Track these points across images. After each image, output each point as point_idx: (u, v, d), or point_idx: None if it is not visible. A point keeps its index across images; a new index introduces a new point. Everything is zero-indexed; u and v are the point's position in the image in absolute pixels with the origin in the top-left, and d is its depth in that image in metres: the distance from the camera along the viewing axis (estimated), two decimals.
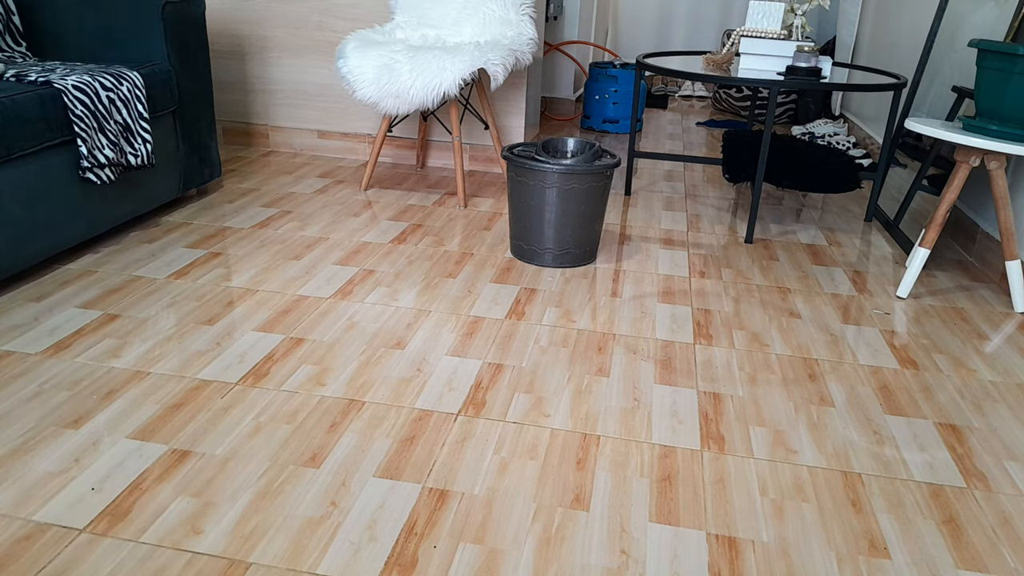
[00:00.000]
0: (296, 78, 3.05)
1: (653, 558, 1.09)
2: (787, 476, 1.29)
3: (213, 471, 1.23)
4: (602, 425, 1.40)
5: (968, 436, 1.43)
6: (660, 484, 1.25)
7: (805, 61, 2.33)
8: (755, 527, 1.17)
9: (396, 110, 2.38)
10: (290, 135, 3.14)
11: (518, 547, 1.10)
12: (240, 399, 1.42)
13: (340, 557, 1.07)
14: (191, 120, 2.39)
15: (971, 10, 2.56)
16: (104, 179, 1.99)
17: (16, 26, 2.22)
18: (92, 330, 1.64)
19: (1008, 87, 1.81)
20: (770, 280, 2.09)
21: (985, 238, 2.26)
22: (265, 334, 1.66)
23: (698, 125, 4.12)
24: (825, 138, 3.60)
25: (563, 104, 4.06)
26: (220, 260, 2.04)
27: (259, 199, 2.54)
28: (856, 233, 2.51)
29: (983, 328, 1.87)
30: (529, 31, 2.63)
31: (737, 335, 1.77)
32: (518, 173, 2.06)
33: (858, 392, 1.56)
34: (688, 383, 1.56)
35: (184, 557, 1.05)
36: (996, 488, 1.28)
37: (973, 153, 1.92)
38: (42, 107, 1.81)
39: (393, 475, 1.24)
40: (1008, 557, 1.13)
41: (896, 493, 1.26)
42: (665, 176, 3.07)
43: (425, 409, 1.42)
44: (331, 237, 2.23)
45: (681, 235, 2.40)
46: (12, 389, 1.42)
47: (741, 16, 4.90)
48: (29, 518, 1.11)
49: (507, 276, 2.03)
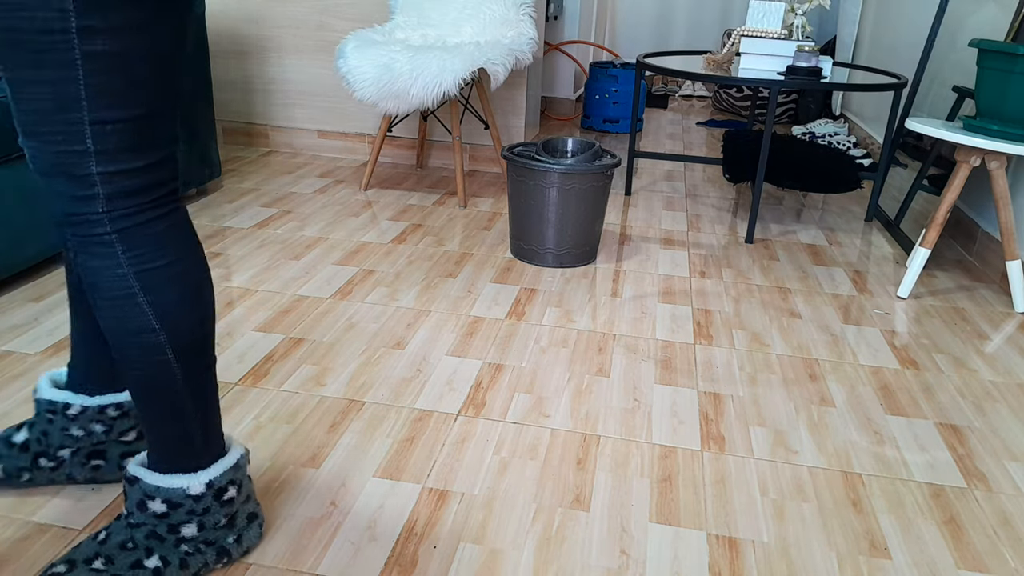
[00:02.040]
0: (296, 78, 3.05)
1: (653, 558, 1.09)
2: (787, 476, 1.28)
3: None
4: (602, 425, 1.40)
5: (969, 436, 1.43)
6: (660, 484, 1.25)
7: (805, 61, 2.33)
8: (755, 527, 1.16)
9: (396, 110, 2.38)
10: (290, 135, 3.14)
11: (518, 547, 1.10)
12: (240, 399, 1.42)
13: (340, 557, 1.07)
14: (191, 120, 2.39)
15: (971, 10, 2.56)
16: None
17: None
18: None
19: (1008, 87, 1.81)
20: (770, 280, 2.09)
21: (985, 238, 2.26)
22: (265, 334, 1.66)
23: (698, 125, 4.12)
24: (826, 138, 3.59)
25: (563, 104, 4.06)
26: (220, 260, 2.04)
27: (259, 199, 2.54)
28: (857, 233, 2.51)
29: (984, 328, 1.87)
30: (529, 31, 2.63)
31: (737, 335, 1.77)
32: (518, 173, 2.05)
33: (859, 392, 1.55)
34: (688, 383, 1.55)
35: None
36: (997, 488, 1.28)
37: (974, 153, 1.92)
38: None
39: (393, 475, 1.24)
40: (1009, 557, 1.13)
41: (897, 493, 1.26)
42: (665, 176, 3.07)
43: (425, 409, 1.42)
44: (331, 237, 2.23)
45: (681, 235, 2.40)
46: (12, 389, 1.42)
47: (741, 16, 4.90)
48: (29, 518, 1.11)
49: (507, 276, 2.03)
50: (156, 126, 0.85)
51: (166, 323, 0.90)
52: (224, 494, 0.99)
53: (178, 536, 0.97)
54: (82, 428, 1.11)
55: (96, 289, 0.88)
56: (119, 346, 0.90)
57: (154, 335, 0.89)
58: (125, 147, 0.83)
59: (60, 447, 1.12)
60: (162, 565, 0.97)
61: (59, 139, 0.80)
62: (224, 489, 0.99)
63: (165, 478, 0.96)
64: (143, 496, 0.96)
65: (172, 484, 0.96)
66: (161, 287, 0.89)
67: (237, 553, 1.04)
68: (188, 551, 0.98)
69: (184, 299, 0.91)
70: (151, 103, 0.83)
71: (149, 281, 0.88)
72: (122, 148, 0.82)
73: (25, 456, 1.13)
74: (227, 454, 1.01)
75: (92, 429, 1.12)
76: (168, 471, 0.97)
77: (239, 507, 1.02)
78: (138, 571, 0.96)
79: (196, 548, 0.99)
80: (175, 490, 0.96)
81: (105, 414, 1.12)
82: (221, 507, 0.99)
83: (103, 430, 1.12)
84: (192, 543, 0.98)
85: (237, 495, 1.01)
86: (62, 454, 1.13)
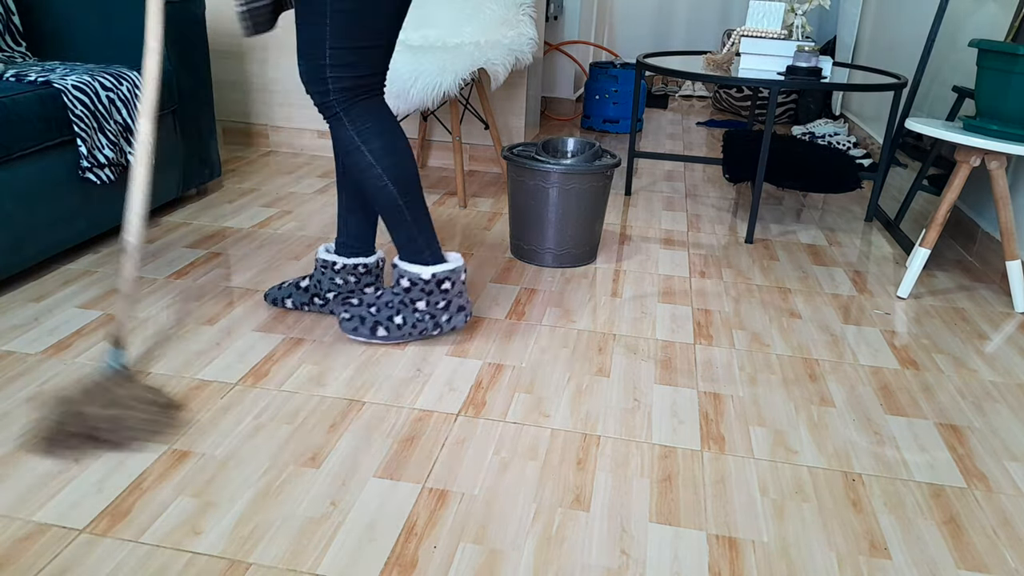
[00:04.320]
0: (296, 78, 3.05)
1: (653, 558, 1.09)
2: (787, 476, 1.29)
3: (213, 471, 1.23)
4: (602, 425, 1.40)
5: (969, 436, 1.43)
6: (660, 484, 1.25)
7: (805, 61, 2.33)
8: (755, 527, 1.16)
9: (396, 110, 2.38)
10: (290, 135, 3.14)
11: (518, 547, 1.10)
12: (240, 399, 1.42)
13: (340, 557, 1.07)
14: (191, 120, 2.39)
15: (971, 10, 2.56)
16: (104, 179, 1.99)
17: (16, 26, 2.22)
18: (92, 330, 1.64)
19: (1009, 87, 1.81)
20: (770, 280, 2.09)
21: (985, 238, 2.26)
22: (265, 334, 1.66)
23: (698, 125, 4.12)
24: (825, 138, 3.59)
25: (563, 104, 4.06)
26: (220, 260, 2.04)
27: (259, 199, 2.54)
28: (856, 233, 2.51)
29: (984, 328, 1.87)
30: (529, 31, 2.63)
31: (737, 335, 1.77)
32: (518, 173, 2.05)
33: (859, 392, 1.55)
34: (688, 383, 1.56)
35: (184, 557, 1.05)
36: (997, 488, 1.28)
37: (974, 153, 1.92)
38: (42, 107, 1.81)
39: (393, 475, 1.24)
40: (1009, 558, 1.13)
41: (897, 493, 1.26)
42: (665, 176, 3.07)
43: (425, 409, 1.42)
44: (331, 237, 2.23)
45: (681, 235, 2.40)
46: (12, 389, 1.42)
47: (741, 16, 4.90)
48: (29, 518, 1.11)
49: (507, 276, 2.03)
50: (368, 54, 1.41)
51: (379, 161, 1.47)
52: (442, 284, 1.58)
53: (414, 307, 1.59)
54: (342, 279, 1.71)
55: (339, 145, 1.48)
56: (360, 181, 1.50)
57: (373, 169, 1.47)
58: (346, 63, 1.40)
59: (328, 291, 1.72)
60: (402, 321, 1.59)
61: (312, 57, 1.39)
62: (442, 281, 1.57)
63: (409, 265, 1.56)
64: (399, 275, 1.57)
65: (411, 269, 1.56)
66: (371, 139, 1.46)
67: (447, 328, 1.63)
68: (418, 318, 1.60)
69: (386, 146, 1.47)
70: (367, 40, 1.39)
71: (363, 136, 1.46)
72: (344, 64, 1.39)
73: (306, 295, 1.74)
74: (447, 261, 1.59)
75: (348, 280, 1.71)
76: (410, 261, 1.57)
77: (452, 297, 1.60)
78: (389, 322, 1.59)
79: (422, 317, 1.60)
80: (413, 273, 1.56)
81: (356, 271, 1.71)
82: (440, 293, 1.58)
83: (355, 281, 1.72)
84: (421, 313, 1.59)
85: (451, 288, 1.59)
86: (328, 295, 1.72)
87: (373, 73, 1.43)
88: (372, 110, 1.46)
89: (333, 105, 1.44)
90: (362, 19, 1.36)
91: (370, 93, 1.45)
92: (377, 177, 1.47)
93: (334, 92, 1.42)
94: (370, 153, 1.45)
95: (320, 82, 1.41)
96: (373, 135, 1.46)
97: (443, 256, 1.59)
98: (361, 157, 1.46)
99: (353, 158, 1.47)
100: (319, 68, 1.40)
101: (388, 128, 1.48)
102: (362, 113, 1.45)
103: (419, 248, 1.55)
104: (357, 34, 1.37)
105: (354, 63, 1.40)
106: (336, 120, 1.45)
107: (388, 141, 1.47)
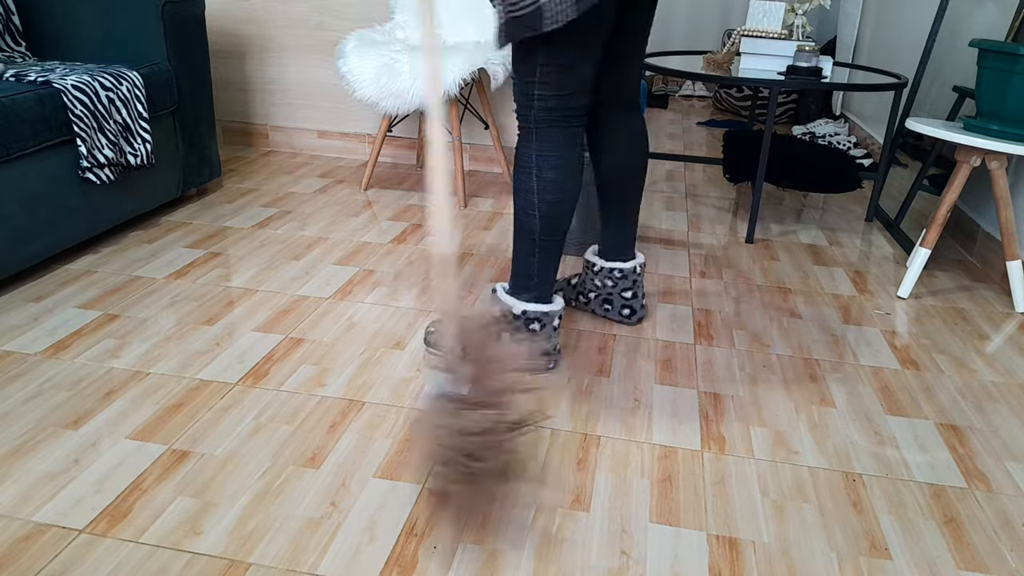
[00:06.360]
0: (296, 78, 3.05)
1: (654, 559, 1.09)
2: (788, 476, 1.28)
3: (213, 471, 1.23)
4: (602, 425, 1.40)
5: (969, 436, 1.42)
6: (660, 484, 1.25)
7: (806, 61, 2.33)
8: (756, 528, 1.16)
9: (396, 110, 2.38)
10: (290, 135, 3.14)
11: (518, 547, 1.10)
12: (240, 399, 1.42)
13: (340, 557, 1.07)
14: (191, 120, 2.39)
15: (972, 10, 2.56)
16: (104, 179, 1.99)
17: (16, 26, 2.22)
18: (92, 330, 1.64)
19: (1009, 87, 1.81)
20: (771, 280, 2.09)
21: (986, 238, 2.26)
22: (265, 334, 1.66)
23: (698, 125, 4.12)
24: (826, 138, 3.59)
25: None
26: (220, 260, 2.04)
27: (259, 199, 2.54)
28: (857, 233, 2.51)
29: (984, 328, 1.87)
30: None
31: (738, 335, 1.76)
32: None
33: (859, 392, 1.55)
34: (688, 383, 1.55)
35: (184, 558, 1.05)
36: (997, 488, 1.28)
37: (974, 153, 1.92)
38: (42, 107, 1.81)
39: (393, 475, 1.24)
40: (1009, 558, 1.13)
41: (897, 493, 1.26)
42: (665, 176, 3.07)
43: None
44: (331, 237, 2.23)
45: (681, 235, 2.40)
46: (12, 389, 1.42)
47: (741, 16, 4.90)
48: (29, 518, 1.11)
49: (507, 276, 2.03)
50: (572, 74, 1.37)
51: (540, 189, 1.43)
52: (531, 324, 1.53)
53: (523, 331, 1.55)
54: (601, 281, 1.73)
55: (519, 155, 1.46)
56: (515, 191, 1.47)
57: (532, 195, 1.44)
58: (552, 83, 1.37)
59: (589, 291, 1.76)
60: None
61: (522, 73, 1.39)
62: (531, 320, 1.52)
63: (506, 296, 1.54)
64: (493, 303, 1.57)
65: (507, 300, 1.53)
66: (545, 168, 1.42)
67: None
68: None
69: (556, 180, 1.42)
70: (573, 60, 1.36)
71: (541, 161, 1.42)
72: (549, 83, 1.37)
73: (573, 291, 1.81)
74: (548, 303, 1.53)
75: (605, 283, 1.73)
76: (510, 293, 1.54)
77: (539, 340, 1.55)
78: None
79: None
80: (507, 305, 1.53)
81: (612, 274, 1.71)
82: (527, 330, 1.54)
83: (611, 284, 1.72)
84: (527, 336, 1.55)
85: (539, 331, 1.54)
86: (590, 295, 1.76)
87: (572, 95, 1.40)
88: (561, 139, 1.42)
89: (530, 121, 1.42)
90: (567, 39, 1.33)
91: (567, 122, 1.42)
92: (531, 205, 1.44)
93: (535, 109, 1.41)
94: (537, 178, 1.42)
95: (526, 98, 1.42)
96: (548, 164, 1.42)
97: (549, 298, 1.54)
98: (527, 174, 1.43)
99: (521, 172, 1.44)
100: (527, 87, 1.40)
101: (565, 163, 1.43)
102: (551, 138, 1.42)
103: (527, 286, 1.51)
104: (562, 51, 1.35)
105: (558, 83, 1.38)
106: (527, 134, 1.44)
107: (559, 174, 1.42)
